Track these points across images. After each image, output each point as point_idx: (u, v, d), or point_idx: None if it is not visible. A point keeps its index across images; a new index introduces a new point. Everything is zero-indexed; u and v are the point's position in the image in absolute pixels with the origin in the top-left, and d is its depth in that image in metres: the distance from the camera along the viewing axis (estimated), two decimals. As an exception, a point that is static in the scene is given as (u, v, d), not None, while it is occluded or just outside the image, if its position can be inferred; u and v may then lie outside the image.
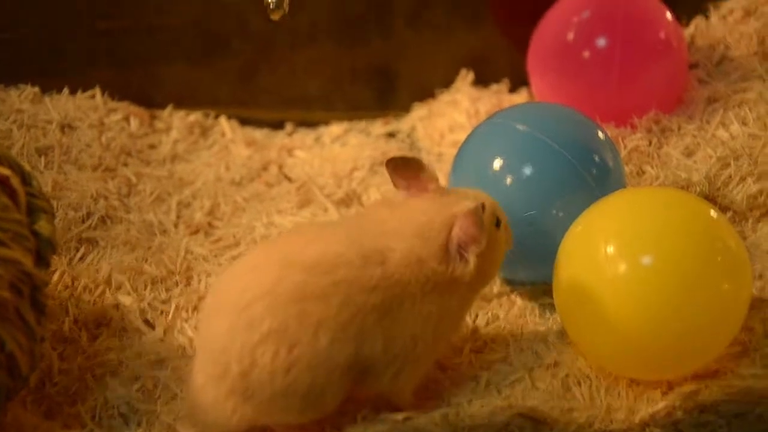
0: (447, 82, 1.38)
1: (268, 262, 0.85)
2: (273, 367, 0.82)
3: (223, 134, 1.30)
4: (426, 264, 0.86)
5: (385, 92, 1.40)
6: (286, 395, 0.83)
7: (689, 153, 1.17)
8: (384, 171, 1.21)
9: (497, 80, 1.37)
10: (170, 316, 1.02)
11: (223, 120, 1.31)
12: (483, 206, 0.87)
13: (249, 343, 0.82)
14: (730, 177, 1.12)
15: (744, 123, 1.18)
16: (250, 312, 0.82)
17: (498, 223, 0.91)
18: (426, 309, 0.86)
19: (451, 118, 1.32)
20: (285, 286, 0.83)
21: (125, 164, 1.22)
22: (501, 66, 1.38)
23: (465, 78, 1.37)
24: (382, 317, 0.85)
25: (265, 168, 1.24)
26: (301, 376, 0.83)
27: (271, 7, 0.99)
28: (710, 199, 1.11)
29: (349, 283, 0.84)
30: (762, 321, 0.96)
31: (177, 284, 1.06)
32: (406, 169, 0.91)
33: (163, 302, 1.04)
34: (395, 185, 0.92)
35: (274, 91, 1.37)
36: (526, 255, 0.98)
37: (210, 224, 1.15)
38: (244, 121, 1.33)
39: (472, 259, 0.87)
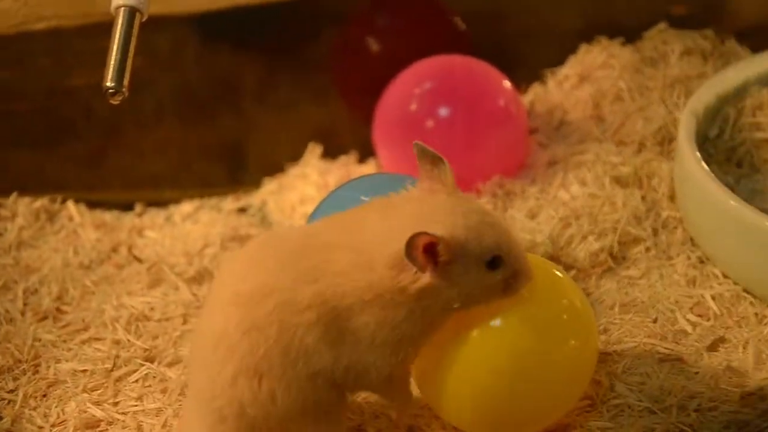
0: (296, 156, 1.39)
1: (218, 303, 0.87)
2: (261, 400, 0.84)
3: (70, 218, 1.28)
4: (376, 269, 0.84)
5: (235, 168, 1.40)
6: (290, 419, 0.86)
7: (533, 215, 1.20)
8: (235, 246, 1.22)
9: (345, 152, 1.39)
10: (18, 405, 1.00)
11: (70, 204, 1.30)
12: (433, 238, 0.82)
13: (227, 385, 0.85)
14: (572, 236, 1.15)
15: (583, 184, 1.22)
16: (219, 355, 0.85)
17: (494, 264, 0.86)
18: (364, 319, 0.85)
19: (301, 191, 1.33)
20: (233, 324, 0.84)
21: (-33, 254, 1.20)
22: (348, 138, 1.40)
23: (313, 151, 1.38)
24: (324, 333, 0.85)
25: (114, 250, 1.23)
26: (287, 401, 0.85)
27: (110, 92, 0.98)
28: (554, 258, 1.14)
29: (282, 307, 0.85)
30: (608, 374, 0.99)
31: (24, 372, 1.04)
32: (427, 159, 0.88)
33: (10, 392, 1.02)
34: (419, 173, 0.89)
35: (122, 173, 1.37)
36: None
37: (59, 309, 1.13)
38: (93, 205, 1.31)
39: (421, 279, 0.84)
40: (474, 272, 0.85)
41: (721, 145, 1.20)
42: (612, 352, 1.02)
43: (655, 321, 1.06)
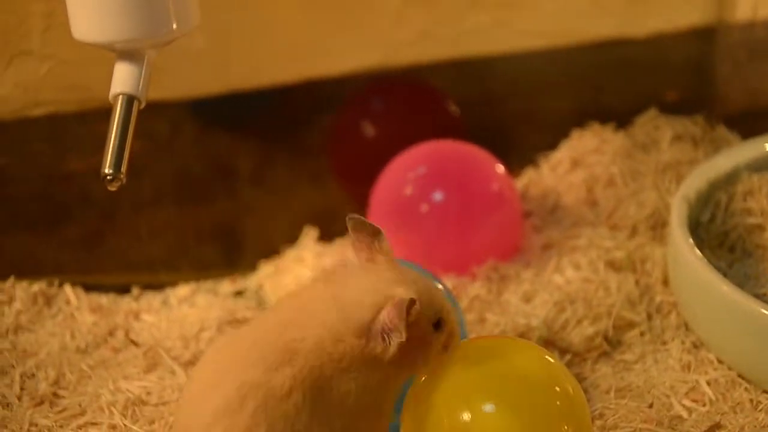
0: (292, 239, 1.40)
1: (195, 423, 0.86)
2: None
3: (67, 302, 1.28)
4: (345, 340, 0.87)
5: (231, 251, 1.41)
6: None
7: (527, 299, 1.21)
8: (232, 330, 1.22)
9: (341, 235, 1.40)
10: (14, 492, 1.00)
11: (67, 288, 1.30)
12: (413, 301, 0.87)
13: None
14: (567, 321, 1.16)
15: (578, 268, 1.23)
16: None
17: (438, 325, 0.91)
18: (345, 387, 0.87)
19: (297, 273, 1.33)
20: None
21: (-35, 338, 1.20)
22: (344, 222, 1.40)
23: (309, 234, 1.40)
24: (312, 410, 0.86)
25: (111, 334, 1.23)
26: None
27: (108, 178, 0.99)
28: (550, 342, 1.14)
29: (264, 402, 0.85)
30: (604, 459, 1.00)
31: (21, 458, 1.04)
32: (364, 231, 0.93)
33: (7, 478, 1.02)
34: (353, 245, 0.93)
35: (119, 256, 1.37)
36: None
37: (55, 394, 1.13)
38: (89, 288, 1.31)
39: (393, 345, 0.87)
40: (426, 333, 0.90)
41: (714, 230, 1.21)
42: (608, 438, 1.02)
43: (650, 406, 1.06)
